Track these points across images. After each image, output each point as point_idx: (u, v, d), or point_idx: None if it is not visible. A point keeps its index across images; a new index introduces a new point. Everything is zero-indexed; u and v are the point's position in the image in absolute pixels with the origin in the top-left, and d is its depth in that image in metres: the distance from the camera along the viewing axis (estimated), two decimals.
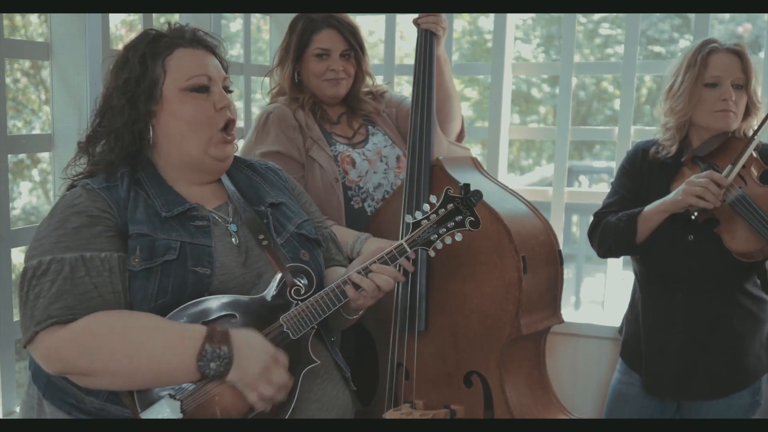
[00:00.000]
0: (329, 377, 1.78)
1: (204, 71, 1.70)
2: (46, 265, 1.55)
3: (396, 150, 2.50)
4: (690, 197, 2.10)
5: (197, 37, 1.74)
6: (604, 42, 9.62)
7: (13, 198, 6.80)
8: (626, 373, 2.42)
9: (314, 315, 1.66)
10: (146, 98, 1.67)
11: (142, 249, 1.59)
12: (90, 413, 1.59)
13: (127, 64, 1.69)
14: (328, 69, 2.41)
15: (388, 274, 1.71)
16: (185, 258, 1.61)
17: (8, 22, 6.00)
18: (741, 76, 2.19)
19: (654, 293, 2.32)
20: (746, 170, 2.13)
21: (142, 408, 1.55)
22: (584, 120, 9.60)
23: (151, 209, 1.65)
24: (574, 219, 7.32)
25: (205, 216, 1.70)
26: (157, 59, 1.68)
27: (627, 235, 2.24)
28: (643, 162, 2.34)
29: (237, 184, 1.81)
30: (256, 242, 1.71)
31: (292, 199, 1.89)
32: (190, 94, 1.68)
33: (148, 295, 1.57)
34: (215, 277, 1.62)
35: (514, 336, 2.11)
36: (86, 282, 1.54)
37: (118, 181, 1.67)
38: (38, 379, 1.66)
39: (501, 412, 2.13)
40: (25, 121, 7.03)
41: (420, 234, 1.75)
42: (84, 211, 1.60)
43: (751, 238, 2.10)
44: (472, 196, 1.77)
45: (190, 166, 1.72)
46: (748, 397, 2.27)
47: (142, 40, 1.71)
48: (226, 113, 1.71)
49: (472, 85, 9.03)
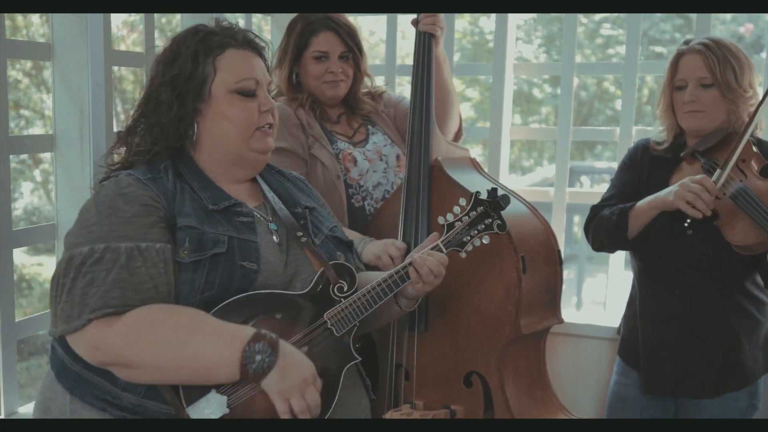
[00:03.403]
0: (353, 383, 1.78)
1: (253, 75, 1.71)
2: (99, 252, 1.53)
3: (395, 149, 2.51)
4: (680, 201, 2.09)
5: (248, 38, 1.75)
6: (606, 42, 9.61)
7: (14, 198, 6.81)
8: (624, 374, 2.42)
9: (358, 312, 1.68)
10: (195, 96, 1.68)
11: (191, 241, 1.58)
12: (126, 409, 1.57)
13: (177, 59, 1.69)
14: (326, 71, 2.42)
15: (436, 259, 1.76)
16: (233, 252, 1.61)
17: (10, 22, 6.01)
18: (706, 75, 2.18)
19: (652, 288, 2.32)
20: (747, 164, 2.14)
21: (188, 403, 1.54)
22: (585, 120, 9.59)
23: (197, 203, 1.65)
24: (576, 219, 7.31)
25: (249, 212, 1.71)
26: (209, 57, 1.69)
27: (618, 230, 2.25)
28: (643, 157, 2.35)
29: (271, 187, 1.83)
30: (296, 241, 1.73)
31: (320, 205, 1.92)
32: (238, 97, 1.69)
33: (195, 288, 1.57)
34: (260, 273, 1.62)
35: (513, 336, 2.12)
36: (142, 272, 1.53)
37: (163, 173, 1.67)
38: (65, 376, 1.63)
39: (501, 413, 2.14)
40: (27, 121, 7.04)
41: (454, 236, 1.80)
42: (136, 200, 1.59)
43: (751, 231, 2.10)
44: (501, 200, 1.85)
45: (233, 161, 1.73)
46: (746, 399, 2.27)
47: (194, 36, 1.71)
48: (269, 117, 1.74)
49: (473, 85, 9.04)
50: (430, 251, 1.77)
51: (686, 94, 2.21)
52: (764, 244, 2.09)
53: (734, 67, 2.18)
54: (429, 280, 1.75)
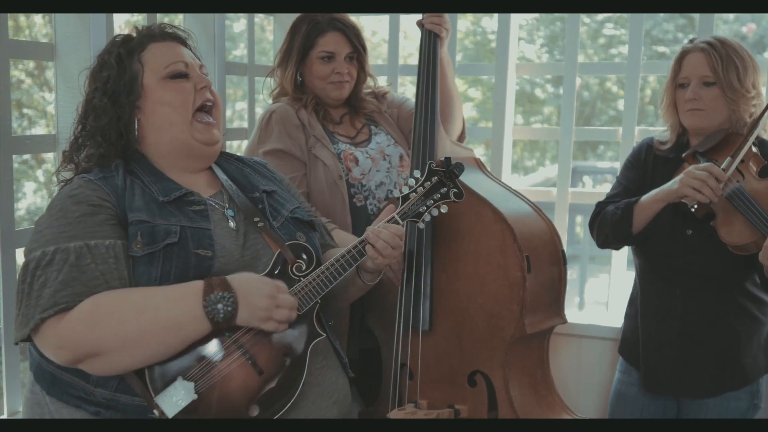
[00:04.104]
0: (329, 362, 1.79)
1: (180, 58, 1.76)
2: (50, 255, 1.56)
3: (399, 149, 2.50)
4: (686, 188, 2.10)
5: (166, 31, 1.80)
6: (608, 42, 9.62)
7: (17, 198, 6.81)
8: (626, 373, 2.42)
9: (318, 289, 1.70)
10: (128, 93, 1.71)
11: (143, 234, 1.61)
12: (100, 405, 1.59)
13: (104, 67, 1.74)
14: (333, 72, 2.42)
15: (391, 231, 1.77)
16: (186, 241, 1.63)
17: (12, 22, 6.02)
18: (708, 74, 2.19)
19: (653, 287, 2.33)
20: (745, 165, 2.15)
21: (156, 392, 1.55)
22: (588, 120, 9.60)
23: (148, 196, 1.68)
24: (578, 219, 7.32)
25: (202, 201, 1.73)
26: (133, 56, 1.74)
27: (623, 225, 2.25)
28: (648, 157, 2.35)
29: (229, 174, 1.85)
30: (253, 225, 1.75)
31: (282, 188, 1.94)
32: (171, 81, 1.73)
33: (152, 280, 1.59)
34: (216, 259, 1.64)
35: (518, 335, 2.11)
36: (92, 269, 1.55)
37: (114, 172, 1.70)
38: (41, 377, 1.65)
39: (505, 412, 2.14)
40: (30, 121, 7.05)
41: (409, 207, 1.82)
42: (85, 200, 1.62)
43: (746, 231, 2.11)
44: (454, 168, 1.86)
45: (180, 152, 1.75)
46: (746, 399, 2.27)
47: (114, 43, 1.77)
48: (205, 93, 1.76)
49: (475, 85, 9.04)
50: (385, 224, 1.79)
51: (688, 92, 2.22)
52: (758, 244, 2.09)
53: (737, 66, 2.18)
54: (387, 253, 1.77)
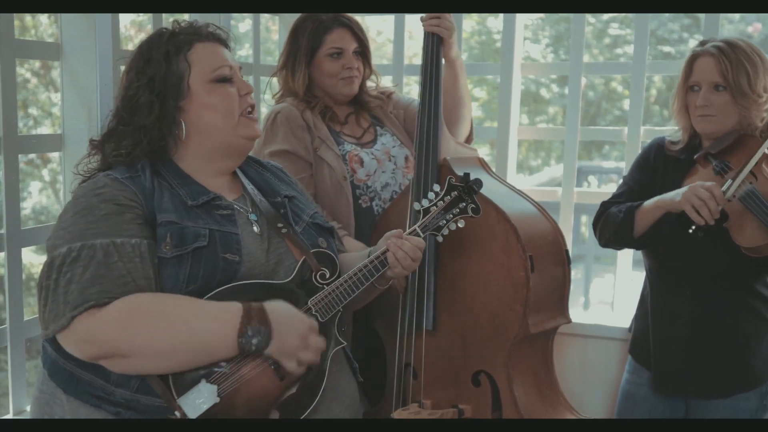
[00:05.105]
0: (341, 367, 1.81)
1: (225, 62, 1.75)
2: (77, 251, 1.55)
3: (404, 150, 2.50)
4: (687, 205, 2.09)
5: (211, 31, 1.79)
6: (614, 42, 9.60)
7: (23, 198, 6.83)
8: (635, 373, 2.42)
9: (341, 297, 1.72)
10: (174, 93, 1.71)
11: (173, 236, 1.60)
12: (119, 405, 1.58)
13: (150, 63, 1.72)
14: (343, 67, 2.42)
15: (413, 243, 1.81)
16: (215, 245, 1.63)
17: (18, 22, 6.03)
18: (718, 80, 2.17)
19: (663, 288, 2.32)
20: (758, 166, 2.13)
21: (179, 394, 1.55)
22: (593, 120, 9.58)
23: (176, 198, 1.67)
24: (583, 219, 7.30)
25: (229, 205, 1.73)
26: (180, 55, 1.72)
27: (625, 228, 2.25)
28: (657, 157, 2.34)
29: (250, 179, 1.86)
30: (276, 231, 1.75)
31: (300, 193, 1.95)
32: (217, 85, 1.73)
33: (179, 282, 1.59)
34: (243, 264, 1.65)
35: (522, 335, 2.11)
36: (120, 267, 1.55)
37: (140, 172, 1.69)
38: (57, 375, 1.63)
39: (509, 412, 2.13)
40: (35, 120, 7.07)
41: (430, 220, 1.86)
42: (111, 199, 1.61)
43: (759, 233, 2.10)
44: (474, 184, 1.90)
45: (222, 152, 1.76)
46: (756, 400, 2.27)
47: (160, 38, 1.75)
48: (248, 99, 1.77)
49: (480, 85, 9.03)
50: (407, 236, 1.82)
51: (699, 98, 2.20)
52: None
53: (748, 71, 2.16)
54: (406, 264, 1.81)
